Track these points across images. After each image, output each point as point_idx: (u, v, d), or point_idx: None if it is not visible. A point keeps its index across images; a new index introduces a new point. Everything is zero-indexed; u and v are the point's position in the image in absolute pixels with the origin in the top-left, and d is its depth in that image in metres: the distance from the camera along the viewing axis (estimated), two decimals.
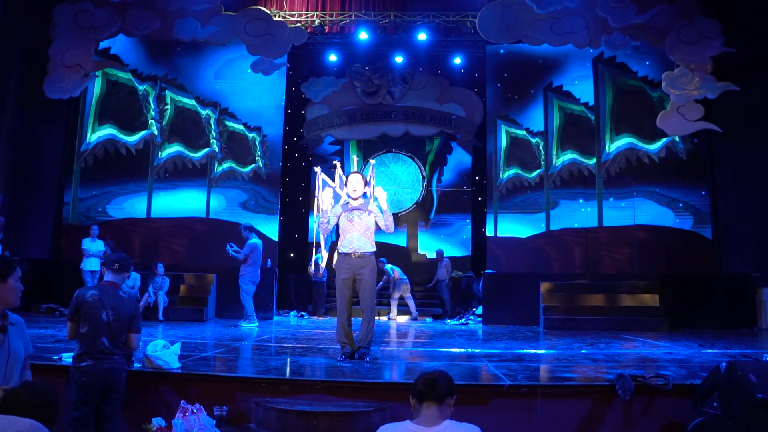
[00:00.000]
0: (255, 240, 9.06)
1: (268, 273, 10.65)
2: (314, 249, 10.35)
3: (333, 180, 9.72)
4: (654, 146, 11.19)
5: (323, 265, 10.31)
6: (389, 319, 11.03)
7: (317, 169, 10.04)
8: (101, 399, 3.57)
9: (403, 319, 11.15)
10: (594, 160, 11.42)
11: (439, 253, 11.93)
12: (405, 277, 11.26)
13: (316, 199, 10.00)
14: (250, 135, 11.88)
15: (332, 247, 9.79)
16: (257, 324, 8.69)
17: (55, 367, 4.35)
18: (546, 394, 4.04)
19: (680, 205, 11.04)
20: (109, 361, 3.60)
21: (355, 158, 12.20)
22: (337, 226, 5.55)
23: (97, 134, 11.73)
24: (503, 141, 11.70)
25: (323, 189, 9.56)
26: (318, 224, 5.68)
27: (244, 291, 8.82)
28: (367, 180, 6.07)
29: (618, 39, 10.92)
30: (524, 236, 11.38)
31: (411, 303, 11.22)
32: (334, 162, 10.08)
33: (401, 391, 3.69)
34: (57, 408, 2.16)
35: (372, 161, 11.18)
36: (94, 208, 11.50)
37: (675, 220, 11.02)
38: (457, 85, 13.48)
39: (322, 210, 5.55)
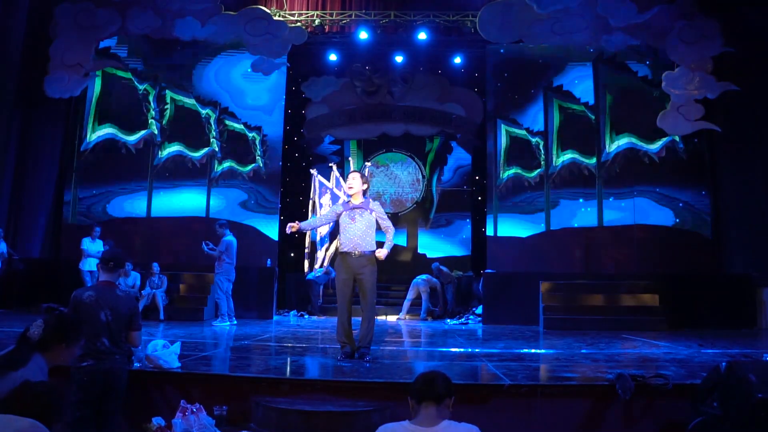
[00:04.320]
0: (230, 237, 9.04)
1: (268, 272, 10.67)
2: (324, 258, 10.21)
3: (329, 181, 9.73)
4: (654, 146, 11.17)
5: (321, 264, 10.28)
6: (399, 319, 11.05)
7: (313, 171, 10.05)
8: (102, 399, 3.55)
9: (405, 318, 11.16)
10: (594, 160, 11.40)
11: (437, 268, 11.67)
12: (423, 278, 11.23)
13: (312, 202, 10.03)
14: (250, 134, 11.87)
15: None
16: (229, 324, 8.65)
17: (55, 366, 4.33)
18: (546, 394, 4.04)
19: (680, 204, 11.02)
20: (110, 361, 3.58)
21: (351, 160, 12.18)
22: (337, 224, 5.58)
23: (97, 133, 11.72)
24: (503, 140, 11.68)
25: (321, 191, 9.57)
26: (311, 225, 5.87)
27: (221, 289, 8.82)
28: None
29: (618, 39, 10.91)
30: (524, 236, 11.36)
31: (424, 305, 11.16)
32: (330, 165, 10.10)
33: (401, 390, 3.69)
34: (58, 408, 2.16)
35: (368, 164, 11.19)
36: (94, 208, 11.48)
37: (675, 219, 11.00)
38: (458, 84, 13.46)
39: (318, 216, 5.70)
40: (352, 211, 5.43)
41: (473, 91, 13.33)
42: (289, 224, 5.52)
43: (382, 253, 5.34)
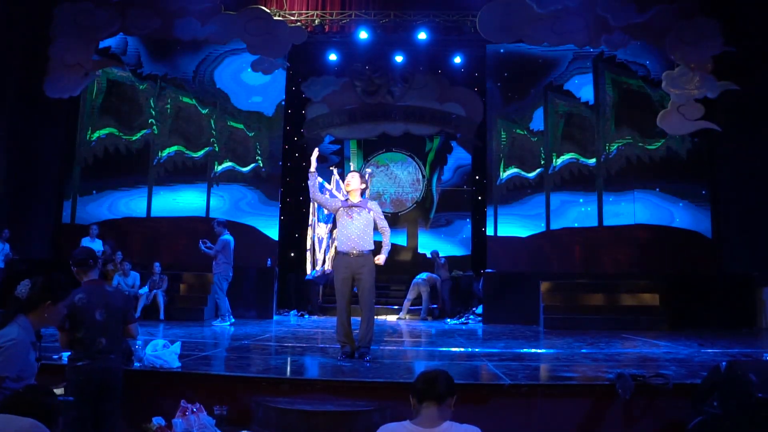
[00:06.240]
0: (227, 236, 9.04)
1: (268, 272, 10.67)
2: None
3: (329, 183, 9.75)
4: (654, 145, 11.17)
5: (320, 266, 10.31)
6: (399, 319, 11.07)
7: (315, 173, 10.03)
8: (98, 398, 3.52)
9: (405, 318, 11.16)
10: (594, 160, 11.40)
11: (435, 253, 11.91)
12: (423, 276, 11.27)
13: (312, 204, 10.03)
14: (251, 134, 11.87)
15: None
16: (229, 322, 8.65)
17: (54, 366, 4.34)
18: (546, 394, 4.04)
19: (680, 204, 11.01)
20: (106, 361, 3.53)
21: (352, 163, 12.22)
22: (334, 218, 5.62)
23: (97, 133, 11.72)
24: (503, 140, 11.68)
25: (321, 191, 9.56)
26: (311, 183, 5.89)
27: (220, 289, 8.82)
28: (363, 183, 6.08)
29: (618, 38, 10.89)
30: (524, 235, 11.36)
31: (425, 304, 11.16)
32: (331, 168, 10.11)
33: (401, 390, 3.69)
34: (57, 410, 2.16)
35: (368, 170, 11.23)
36: (94, 208, 11.48)
37: (675, 219, 11.01)
38: (458, 84, 13.45)
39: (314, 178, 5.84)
40: (350, 209, 5.44)
41: (473, 91, 13.32)
42: (317, 154, 5.77)
43: (381, 259, 5.35)
